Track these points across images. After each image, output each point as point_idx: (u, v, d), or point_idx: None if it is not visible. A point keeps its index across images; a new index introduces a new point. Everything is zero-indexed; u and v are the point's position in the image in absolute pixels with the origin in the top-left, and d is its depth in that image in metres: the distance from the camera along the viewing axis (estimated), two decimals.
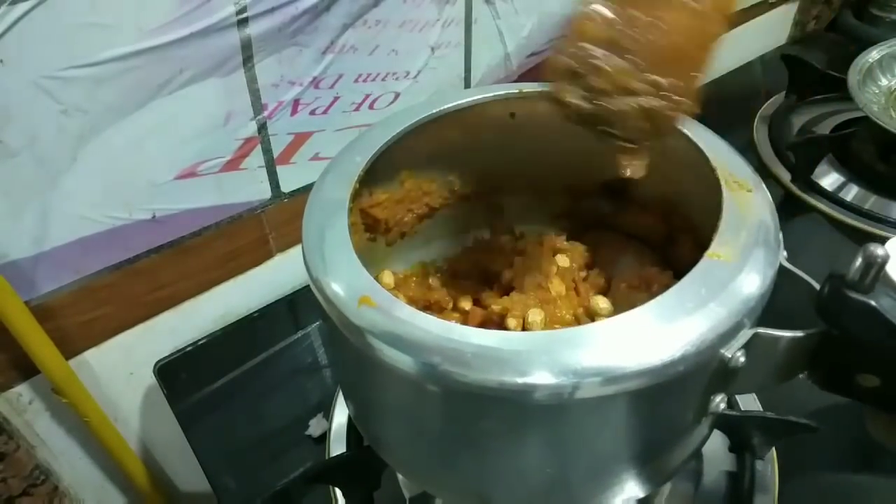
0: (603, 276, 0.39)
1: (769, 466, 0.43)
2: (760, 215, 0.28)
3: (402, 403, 0.30)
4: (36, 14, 0.36)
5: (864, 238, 0.61)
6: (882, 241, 0.51)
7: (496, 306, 0.36)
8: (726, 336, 0.24)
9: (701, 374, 0.26)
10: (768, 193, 0.30)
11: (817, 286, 0.27)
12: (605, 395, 0.24)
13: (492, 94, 0.38)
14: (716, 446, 0.44)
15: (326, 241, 0.30)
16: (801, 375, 0.29)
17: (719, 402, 0.27)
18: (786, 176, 0.68)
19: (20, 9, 0.36)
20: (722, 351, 0.25)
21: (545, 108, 0.37)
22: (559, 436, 0.27)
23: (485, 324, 0.37)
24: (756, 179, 0.31)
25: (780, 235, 0.28)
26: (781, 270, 0.27)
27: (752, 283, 0.25)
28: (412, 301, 0.39)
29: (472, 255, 0.44)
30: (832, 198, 0.64)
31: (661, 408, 0.26)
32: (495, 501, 0.31)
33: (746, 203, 0.29)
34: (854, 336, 0.25)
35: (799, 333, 0.26)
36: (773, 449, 0.43)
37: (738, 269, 0.26)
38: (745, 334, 0.25)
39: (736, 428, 0.42)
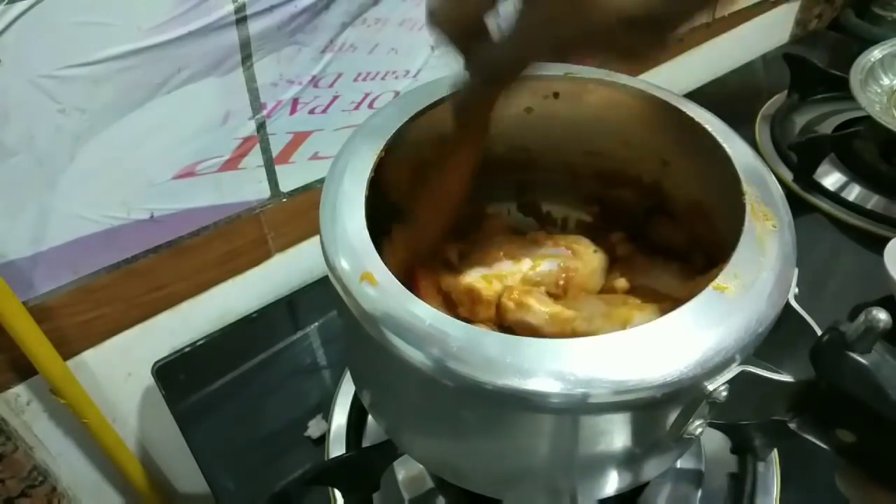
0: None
1: (771, 468, 0.43)
2: (777, 253, 0.28)
3: (396, 384, 0.30)
4: (34, 13, 0.36)
5: (866, 238, 0.61)
6: (883, 240, 0.51)
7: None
8: (713, 371, 0.25)
9: (680, 401, 0.26)
10: (793, 229, 0.30)
11: (819, 331, 0.27)
12: (582, 405, 0.24)
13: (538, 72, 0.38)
14: (718, 448, 0.44)
15: (341, 212, 0.30)
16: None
17: (697, 426, 0.27)
18: (788, 175, 0.67)
19: (18, 8, 0.36)
20: (705, 384, 0.25)
21: (590, 93, 0.38)
22: (533, 436, 0.28)
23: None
24: (784, 214, 0.30)
25: (796, 273, 0.28)
26: (788, 307, 0.27)
27: (750, 321, 0.25)
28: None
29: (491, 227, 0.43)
30: (834, 197, 0.64)
31: (634, 426, 0.27)
32: (470, 479, 0.32)
33: (766, 237, 0.28)
34: (842, 391, 0.25)
35: (787, 378, 0.26)
36: (775, 451, 0.43)
37: (741, 307, 0.25)
38: (733, 370, 0.25)
39: (738, 430, 0.42)
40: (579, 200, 0.45)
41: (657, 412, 0.26)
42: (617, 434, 0.27)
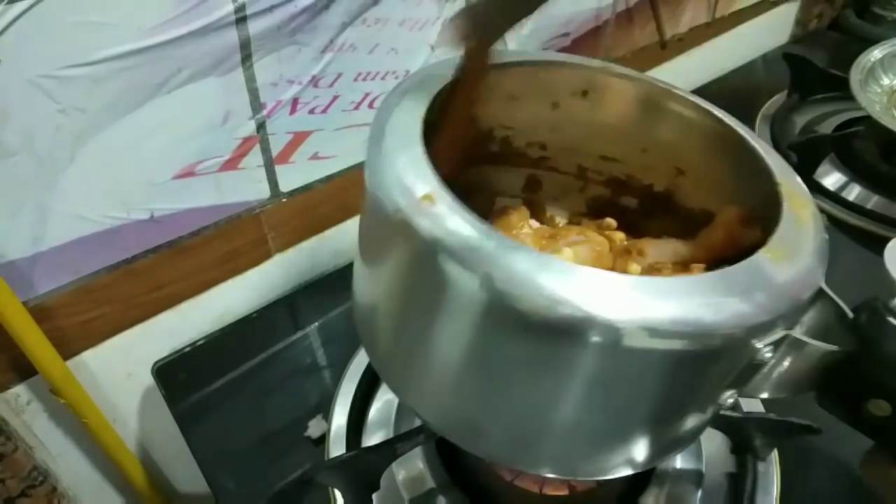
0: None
1: (771, 468, 0.43)
2: (814, 233, 0.29)
3: (441, 320, 0.29)
4: (34, 13, 0.36)
5: (866, 238, 0.61)
6: (883, 240, 0.51)
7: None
8: (762, 328, 0.25)
9: (728, 357, 0.26)
10: (824, 220, 0.31)
11: (849, 312, 0.28)
12: (636, 345, 0.24)
13: (581, 63, 0.38)
14: (717, 447, 0.44)
15: (394, 133, 0.29)
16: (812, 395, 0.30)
17: (728, 397, 0.28)
18: None
19: (18, 7, 0.36)
20: (753, 341, 0.25)
21: (619, 99, 0.38)
22: (575, 376, 0.27)
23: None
24: (814, 207, 0.31)
25: (827, 257, 0.29)
26: (819, 293, 0.28)
27: (795, 288, 0.26)
28: None
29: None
30: (834, 197, 0.64)
31: (677, 379, 0.27)
32: (483, 436, 0.31)
33: (804, 220, 0.30)
34: (884, 356, 0.26)
35: (831, 347, 0.27)
36: (775, 450, 0.43)
37: (786, 272, 0.26)
38: (778, 333, 0.26)
39: (738, 429, 0.42)
40: (580, 204, 0.44)
41: (704, 366, 0.27)
42: (657, 388, 0.27)
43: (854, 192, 0.65)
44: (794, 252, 0.28)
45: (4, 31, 0.36)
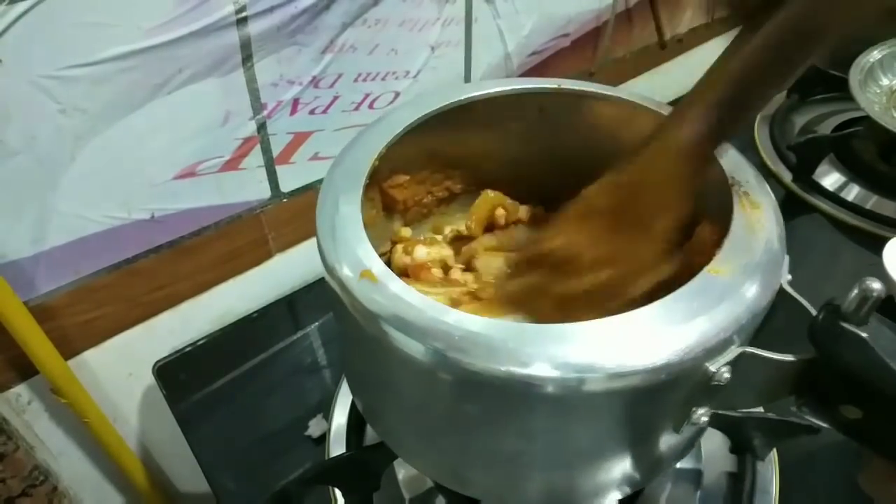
0: None
1: (770, 468, 0.43)
2: (767, 238, 0.28)
3: (395, 380, 0.30)
4: (35, 13, 0.36)
5: (866, 238, 0.61)
6: (882, 240, 0.51)
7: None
8: (713, 351, 0.25)
9: (684, 384, 0.26)
10: (780, 215, 0.30)
11: (814, 312, 0.27)
12: (586, 391, 0.24)
13: (522, 87, 0.38)
14: (716, 447, 0.44)
15: (339, 212, 0.30)
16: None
17: (701, 415, 0.28)
18: (787, 176, 0.67)
19: (19, 8, 0.36)
20: (707, 365, 0.25)
21: (575, 107, 0.38)
22: (540, 425, 0.27)
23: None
24: (770, 200, 0.31)
25: (787, 259, 0.28)
26: (782, 293, 0.27)
27: (746, 302, 0.26)
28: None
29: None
30: (833, 198, 0.64)
31: (640, 412, 0.27)
32: (470, 482, 0.32)
33: (755, 223, 0.29)
34: (843, 366, 0.25)
35: (787, 357, 0.26)
36: (774, 450, 0.43)
37: (735, 287, 0.26)
38: (733, 351, 0.25)
39: (737, 429, 0.42)
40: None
41: (661, 397, 0.26)
42: (622, 423, 0.27)
43: (853, 193, 0.65)
44: (744, 264, 0.27)
45: (6, 31, 0.36)
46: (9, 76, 0.37)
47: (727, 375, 0.25)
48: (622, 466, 0.30)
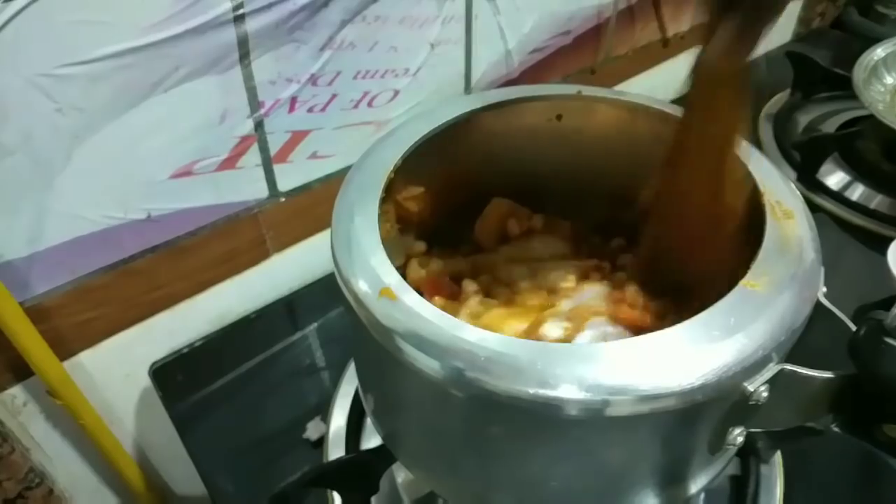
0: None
1: (774, 470, 0.42)
2: (803, 249, 0.27)
3: (415, 400, 0.29)
4: (31, 11, 0.36)
5: (870, 237, 0.60)
6: (887, 240, 0.51)
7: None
8: (751, 369, 0.24)
9: (720, 405, 0.25)
10: (813, 223, 0.29)
11: (853, 327, 0.26)
12: (618, 414, 0.23)
13: (538, 93, 0.38)
14: None
15: (355, 226, 0.29)
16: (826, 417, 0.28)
17: (737, 435, 0.27)
18: (791, 175, 0.67)
19: (14, 6, 0.35)
20: (745, 384, 0.24)
21: (593, 113, 0.38)
22: (568, 449, 0.26)
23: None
24: (803, 208, 0.30)
25: (822, 271, 0.27)
26: (818, 307, 0.26)
27: (784, 317, 0.25)
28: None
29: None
30: (837, 197, 0.64)
31: (674, 434, 0.26)
32: (493, 500, 0.31)
33: (790, 234, 0.28)
34: (885, 382, 0.24)
35: (828, 374, 0.25)
36: (779, 452, 0.43)
37: (772, 301, 0.25)
38: (771, 369, 0.24)
39: None
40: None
41: (696, 418, 0.25)
42: (654, 446, 0.26)
43: (857, 192, 0.64)
44: (781, 276, 0.26)
45: (1, 29, 0.35)
46: (4, 74, 0.37)
47: (765, 395, 0.24)
48: (654, 491, 0.29)
